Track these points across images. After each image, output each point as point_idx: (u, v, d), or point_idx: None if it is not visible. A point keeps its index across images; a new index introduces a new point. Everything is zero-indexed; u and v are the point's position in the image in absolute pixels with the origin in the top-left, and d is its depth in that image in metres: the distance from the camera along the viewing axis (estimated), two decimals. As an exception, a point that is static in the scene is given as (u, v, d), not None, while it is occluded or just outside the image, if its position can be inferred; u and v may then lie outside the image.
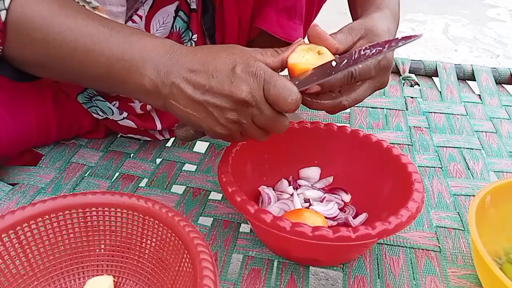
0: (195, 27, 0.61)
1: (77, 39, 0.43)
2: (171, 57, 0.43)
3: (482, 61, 1.86)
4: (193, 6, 0.60)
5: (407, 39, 0.43)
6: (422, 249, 0.52)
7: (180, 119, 0.46)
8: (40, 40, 0.43)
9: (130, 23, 0.55)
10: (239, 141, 0.48)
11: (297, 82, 0.44)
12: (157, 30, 0.58)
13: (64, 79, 0.53)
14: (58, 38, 0.43)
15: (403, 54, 1.87)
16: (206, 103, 0.42)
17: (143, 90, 0.44)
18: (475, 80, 0.88)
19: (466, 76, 0.88)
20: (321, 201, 0.57)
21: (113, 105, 0.61)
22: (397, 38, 0.44)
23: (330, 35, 0.47)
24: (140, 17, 0.56)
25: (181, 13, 0.60)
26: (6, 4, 0.42)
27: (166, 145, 0.68)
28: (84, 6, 0.46)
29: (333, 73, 0.44)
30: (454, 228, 0.55)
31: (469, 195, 0.61)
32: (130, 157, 0.65)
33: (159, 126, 0.65)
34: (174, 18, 0.59)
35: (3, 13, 0.42)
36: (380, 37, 0.48)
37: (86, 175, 0.60)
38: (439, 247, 0.52)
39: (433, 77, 0.89)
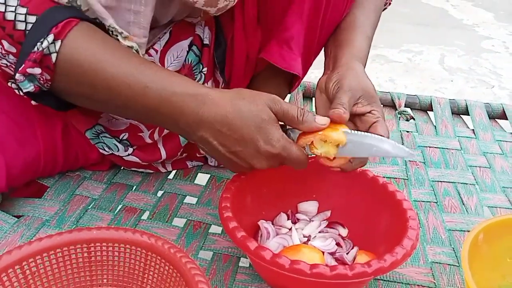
0: (206, 61, 0.64)
1: (119, 86, 0.48)
2: (202, 113, 0.47)
3: (477, 92, 1.90)
4: (206, 41, 0.64)
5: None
6: (418, 285, 0.53)
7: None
8: (87, 83, 0.48)
9: (146, 56, 0.59)
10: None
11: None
12: (171, 63, 0.61)
13: (108, 112, 0.60)
14: (104, 84, 0.48)
15: (400, 84, 1.91)
16: (228, 159, 0.49)
17: (176, 132, 0.53)
18: (469, 115, 0.90)
19: (460, 111, 0.91)
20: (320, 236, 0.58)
21: (122, 137, 0.63)
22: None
23: (337, 101, 0.53)
24: (156, 51, 0.60)
25: (194, 48, 0.63)
26: (57, 48, 0.46)
27: (168, 177, 0.70)
28: (118, 38, 0.50)
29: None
30: (449, 264, 0.57)
31: (464, 231, 0.62)
32: (132, 189, 0.66)
33: (164, 156, 0.67)
34: (187, 52, 0.63)
35: (54, 55, 0.46)
36: (375, 98, 0.55)
37: (89, 207, 0.62)
38: (434, 283, 0.53)
39: (428, 111, 0.92)
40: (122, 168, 0.70)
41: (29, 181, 0.63)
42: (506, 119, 0.89)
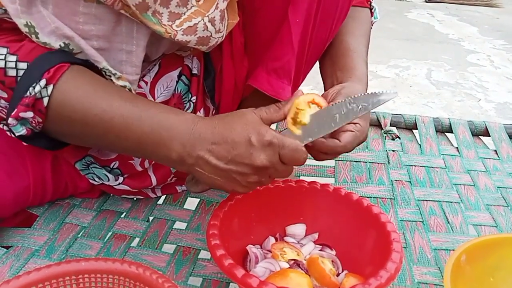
0: (195, 90, 0.66)
1: (112, 119, 0.49)
2: (193, 132, 0.49)
3: (464, 105, 1.93)
4: (195, 71, 0.66)
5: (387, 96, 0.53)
6: (405, 306, 0.54)
7: (205, 183, 0.53)
8: (79, 121, 0.50)
9: (136, 88, 0.60)
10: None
11: (300, 135, 0.52)
12: (161, 94, 0.63)
13: (98, 148, 0.61)
14: (95, 119, 0.49)
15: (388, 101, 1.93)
16: (230, 171, 0.49)
17: (170, 160, 0.51)
18: (452, 132, 0.92)
19: (444, 129, 0.93)
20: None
21: (113, 166, 0.64)
22: (377, 93, 0.53)
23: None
24: (146, 82, 0.61)
25: (183, 78, 0.65)
26: (49, 92, 0.48)
27: (158, 203, 0.70)
28: (111, 78, 0.52)
29: (333, 125, 0.53)
30: (435, 284, 0.58)
31: (449, 250, 0.63)
32: (122, 216, 0.67)
33: (154, 183, 0.67)
34: (177, 82, 0.64)
35: (46, 99, 0.48)
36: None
37: (79, 235, 0.62)
38: (421, 304, 0.54)
39: (413, 130, 0.93)
40: (112, 194, 0.71)
41: (18, 211, 0.64)
42: (489, 136, 0.92)
